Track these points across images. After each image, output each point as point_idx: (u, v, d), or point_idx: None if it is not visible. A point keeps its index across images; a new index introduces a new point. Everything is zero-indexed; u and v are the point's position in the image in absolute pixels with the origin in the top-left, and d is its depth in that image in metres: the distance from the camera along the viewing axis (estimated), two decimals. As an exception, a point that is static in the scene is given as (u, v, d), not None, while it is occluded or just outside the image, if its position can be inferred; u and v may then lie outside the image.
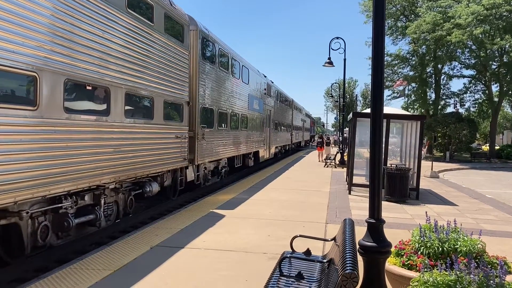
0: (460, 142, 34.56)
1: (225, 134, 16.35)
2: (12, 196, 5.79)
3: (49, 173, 6.48)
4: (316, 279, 4.26)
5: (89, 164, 7.51)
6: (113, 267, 5.95)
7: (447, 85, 42.62)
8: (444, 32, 32.58)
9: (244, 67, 19.66)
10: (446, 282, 3.33)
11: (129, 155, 8.89)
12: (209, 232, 8.06)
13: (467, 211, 11.21)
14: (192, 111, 12.80)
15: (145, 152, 9.62)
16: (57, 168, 6.65)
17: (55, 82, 6.60)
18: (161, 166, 10.62)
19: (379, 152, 4.58)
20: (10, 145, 5.77)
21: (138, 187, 10.09)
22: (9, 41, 5.69)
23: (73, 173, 7.07)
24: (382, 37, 4.67)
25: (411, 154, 14.65)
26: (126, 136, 8.78)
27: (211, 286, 5.34)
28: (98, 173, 7.81)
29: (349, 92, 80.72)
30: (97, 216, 8.15)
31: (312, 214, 10.03)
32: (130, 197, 9.75)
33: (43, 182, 6.36)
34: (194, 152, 12.90)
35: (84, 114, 7.46)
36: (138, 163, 9.33)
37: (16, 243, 6.62)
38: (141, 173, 9.58)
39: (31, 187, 6.13)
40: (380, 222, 4.53)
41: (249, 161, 21.67)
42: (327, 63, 24.34)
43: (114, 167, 8.33)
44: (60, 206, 7.13)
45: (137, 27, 9.16)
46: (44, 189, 6.42)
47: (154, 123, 10.08)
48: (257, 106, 22.63)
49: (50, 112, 6.50)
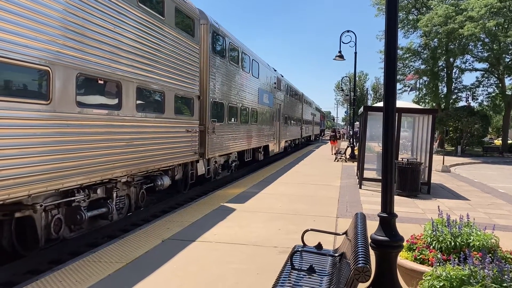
0: (472, 136, 34.25)
1: (235, 128, 16.40)
2: (26, 189, 5.86)
3: (62, 167, 6.53)
4: (327, 273, 4.26)
5: (101, 158, 7.55)
6: (125, 260, 6.00)
7: (459, 79, 42.16)
8: (457, 25, 32.20)
9: (254, 61, 19.61)
10: (459, 277, 3.31)
11: (141, 149, 8.94)
12: (219, 226, 8.10)
13: (479, 205, 11.12)
14: (203, 105, 12.86)
15: (156, 146, 9.66)
16: (70, 161, 6.70)
17: (67, 76, 6.63)
18: (172, 160, 10.66)
19: (392, 146, 4.56)
20: (24, 138, 5.83)
21: (150, 181, 10.15)
22: (23, 36, 5.73)
23: (86, 167, 7.11)
24: (395, 30, 4.63)
25: (422, 148, 14.55)
26: (138, 130, 8.82)
27: (222, 279, 5.37)
28: (110, 167, 7.85)
29: (359, 86, 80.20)
30: (109, 209, 8.23)
31: (323, 208, 10.02)
32: (142, 191, 9.82)
33: (56, 175, 6.41)
34: (205, 146, 12.96)
35: (96, 108, 7.49)
36: (150, 156, 9.36)
37: (31, 236, 6.70)
38: (152, 166, 9.62)
39: (45, 181, 6.19)
40: (392, 216, 4.51)
41: (259, 155, 21.73)
42: (337, 57, 24.21)
43: (126, 161, 8.38)
44: (73, 200, 7.23)
45: (148, 21, 9.16)
46: (57, 183, 6.48)
47: (165, 117, 10.12)
48: (267, 100, 22.64)
49: (62, 106, 6.54)
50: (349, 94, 43.49)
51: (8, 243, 6.65)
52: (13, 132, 5.65)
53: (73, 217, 7.31)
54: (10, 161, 5.56)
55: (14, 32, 5.61)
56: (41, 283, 5.11)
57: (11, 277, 6.24)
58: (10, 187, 5.57)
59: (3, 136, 5.47)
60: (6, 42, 5.48)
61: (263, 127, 21.68)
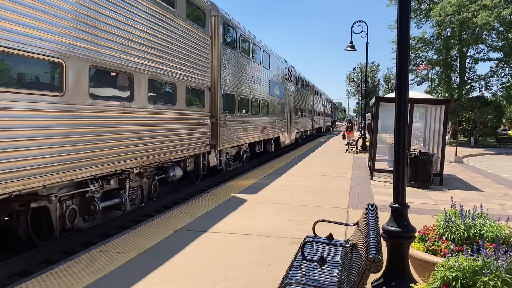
0: (485, 127, 33.83)
1: (246, 120, 16.45)
2: (41, 180, 5.97)
3: (76, 158, 6.65)
4: (339, 264, 4.26)
5: (114, 149, 7.66)
6: (137, 250, 6.06)
7: (473, 69, 41.59)
8: (470, 14, 31.71)
9: (265, 52, 19.60)
10: (472, 267, 3.29)
11: (153, 140, 9.02)
12: (231, 217, 8.13)
13: (492, 196, 11.01)
14: (214, 96, 12.88)
15: (168, 138, 9.73)
16: (83, 153, 6.82)
17: (80, 68, 6.70)
18: (184, 151, 10.74)
19: (404, 136, 4.53)
20: (39, 130, 5.92)
21: (162, 172, 10.25)
22: (36, 28, 5.79)
23: (99, 158, 7.23)
24: (407, 19, 4.57)
25: (435, 139, 14.42)
26: (150, 121, 8.90)
27: (233, 270, 5.39)
28: (123, 158, 7.97)
29: (371, 77, 79.55)
30: (122, 200, 8.37)
31: (334, 199, 10.00)
32: (154, 182, 9.92)
33: (70, 166, 6.53)
34: (216, 137, 13.04)
35: (109, 100, 7.57)
36: (161, 148, 9.45)
37: (46, 226, 6.89)
38: (164, 158, 9.69)
39: (59, 172, 6.31)
40: (404, 207, 4.49)
41: (270, 146, 21.73)
42: (349, 47, 23.99)
43: (138, 152, 8.50)
44: (86, 190, 7.35)
45: (159, 13, 9.18)
46: (71, 173, 6.60)
47: (177, 108, 10.19)
48: (278, 92, 22.62)
49: (76, 98, 6.63)
50: (361, 85, 43.19)
51: (25, 233, 6.79)
52: (28, 123, 5.75)
53: (87, 208, 7.47)
54: (25, 152, 5.67)
55: (28, 25, 5.66)
56: (55, 273, 5.19)
57: (26, 267, 6.35)
58: (26, 177, 5.69)
59: (18, 128, 5.58)
60: (20, 35, 5.53)
61: (274, 118, 21.72)
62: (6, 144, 5.39)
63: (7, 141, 5.40)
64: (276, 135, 22.67)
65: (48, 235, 6.97)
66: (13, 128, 5.50)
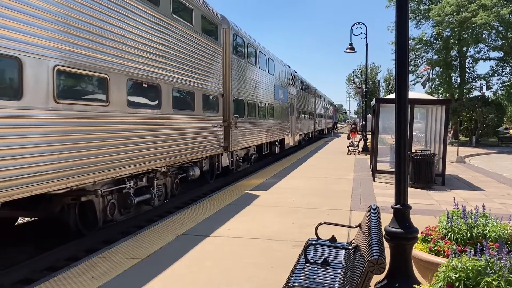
0: (487, 126, 33.78)
1: (254, 123, 17.38)
2: (92, 176, 7.04)
3: (118, 158, 7.71)
4: (342, 266, 4.25)
5: (147, 151, 8.74)
6: (140, 256, 6.06)
7: (473, 68, 41.55)
8: (469, 14, 31.73)
9: (270, 59, 20.55)
10: (475, 268, 3.27)
11: (176, 142, 10.09)
12: (233, 221, 8.13)
13: (495, 196, 10.98)
14: (226, 102, 13.87)
15: (188, 140, 10.82)
16: (124, 154, 7.89)
17: (120, 81, 7.77)
18: (201, 153, 11.83)
19: (405, 137, 4.53)
20: (90, 135, 6.97)
21: (183, 171, 11.22)
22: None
23: (135, 158, 8.30)
24: (406, 20, 4.58)
25: (436, 139, 14.40)
26: (174, 126, 9.97)
27: (237, 274, 5.39)
28: (153, 158, 9.04)
29: (371, 78, 79.52)
30: (152, 195, 9.35)
31: (336, 201, 9.99)
32: (176, 180, 10.88)
33: (113, 165, 7.57)
34: (228, 139, 14.00)
35: (142, 108, 8.66)
36: (183, 149, 10.50)
37: (91, 218, 7.84)
38: (185, 158, 10.78)
39: (106, 170, 7.37)
40: (406, 208, 4.48)
41: (275, 148, 22.55)
42: (348, 49, 23.99)
43: (165, 153, 9.53)
44: (124, 187, 8.33)
45: (179, 29, 10.28)
46: (114, 171, 7.67)
47: (195, 114, 11.29)
48: (282, 96, 23.47)
49: (117, 107, 7.68)
50: (361, 86, 43.19)
51: (74, 223, 7.68)
52: (84, 129, 6.83)
53: (124, 202, 8.49)
54: (82, 153, 6.74)
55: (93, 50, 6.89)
56: (58, 279, 5.19)
57: (30, 274, 6.35)
58: (82, 175, 6.78)
59: (77, 133, 6.66)
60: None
61: (279, 121, 22.63)
62: (66, 146, 6.42)
63: (69, 144, 6.48)
64: (281, 137, 23.47)
65: (92, 226, 7.89)
66: (77, 134, 6.66)
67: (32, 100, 5.75)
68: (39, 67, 5.85)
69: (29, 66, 5.67)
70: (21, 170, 5.56)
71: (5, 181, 5.31)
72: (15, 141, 5.52)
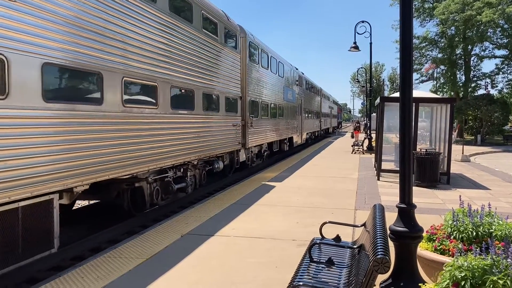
0: (492, 125, 33.60)
1: (266, 122, 18.97)
2: (147, 166, 8.54)
3: (164, 152, 9.17)
4: (346, 265, 4.24)
5: (183, 146, 10.16)
6: (145, 256, 6.07)
7: (478, 67, 41.27)
8: (474, 12, 31.55)
9: (280, 62, 22.12)
10: (481, 266, 3.26)
11: (205, 139, 11.58)
12: (238, 220, 8.13)
13: (500, 195, 10.93)
14: (243, 104, 15.46)
15: (214, 137, 12.27)
16: (167, 148, 9.34)
17: (166, 88, 9.30)
18: (224, 148, 13.33)
19: (409, 136, 4.51)
20: (146, 132, 8.50)
21: (209, 165, 12.67)
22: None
23: (175, 152, 9.70)
24: (410, 18, 4.56)
25: (441, 138, 14.35)
26: (203, 124, 11.46)
27: (241, 273, 5.39)
28: (187, 153, 10.47)
29: (376, 77, 79.30)
30: (187, 184, 10.76)
31: (341, 200, 9.97)
32: (204, 172, 12.31)
33: (160, 158, 9.04)
34: (245, 137, 15.49)
35: (181, 109, 10.14)
36: (210, 145, 11.98)
37: (140, 201, 9.16)
38: (212, 153, 12.28)
39: (155, 161, 8.84)
40: (411, 207, 4.46)
41: (285, 146, 23.86)
42: (352, 48, 23.98)
43: (196, 148, 11.01)
44: (166, 175, 9.75)
45: (208, 42, 11.76)
46: (161, 162, 9.15)
47: (220, 114, 12.83)
48: (290, 97, 24.95)
49: (164, 109, 9.23)
50: (365, 85, 43.10)
51: (127, 205, 9.05)
52: (144, 127, 8.40)
53: (166, 189, 9.84)
54: (135, 148, 8.05)
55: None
56: (63, 279, 5.21)
57: (36, 274, 6.37)
58: (140, 164, 8.28)
59: (138, 131, 8.19)
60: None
61: (288, 121, 24.05)
62: (133, 141, 8.04)
63: (135, 140, 8.08)
64: (290, 136, 24.85)
65: (140, 209, 9.24)
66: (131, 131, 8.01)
67: (109, 106, 7.30)
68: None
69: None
70: (104, 158, 7.16)
71: (93, 167, 6.86)
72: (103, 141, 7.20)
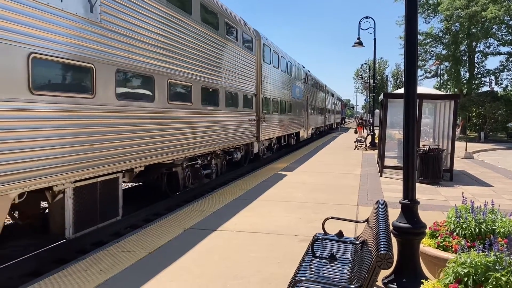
0: (496, 122, 33.52)
1: (277, 118, 20.39)
2: (184, 153, 10.16)
3: (195, 142, 10.73)
4: (349, 261, 4.25)
5: (210, 137, 11.67)
6: (148, 249, 6.09)
7: (482, 63, 41.09)
8: (479, 8, 31.39)
9: (288, 62, 23.44)
10: (484, 263, 3.25)
11: (227, 131, 13.12)
12: (240, 215, 8.15)
13: (504, 192, 10.91)
14: (257, 100, 16.97)
15: (234, 130, 13.83)
16: (198, 139, 10.92)
17: (198, 88, 10.87)
18: (241, 140, 14.95)
19: (413, 132, 4.50)
20: (185, 125, 10.07)
21: (228, 155, 14.16)
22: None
23: (203, 143, 11.25)
24: (415, 15, 4.54)
25: (444, 135, 14.32)
26: (225, 118, 12.96)
27: (244, 268, 5.40)
28: (213, 143, 11.98)
29: (379, 73, 79.04)
30: (212, 170, 12.42)
31: (343, 196, 9.97)
32: (224, 161, 13.88)
33: (193, 147, 10.64)
34: (259, 131, 16.99)
35: (209, 106, 11.67)
36: (231, 137, 13.54)
37: (175, 184, 10.59)
38: (231, 144, 13.82)
39: (189, 150, 10.46)
40: (414, 203, 4.47)
41: (292, 140, 25.30)
42: (356, 44, 23.88)
43: (220, 140, 12.51)
44: (196, 162, 11.37)
45: (230, 46, 13.41)
46: (193, 151, 10.77)
47: (238, 110, 14.43)
48: (298, 94, 26.37)
49: (197, 105, 10.77)
50: (369, 81, 43.00)
51: (164, 187, 10.47)
52: (182, 121, 9.96)
53: (196, 174, 11.38)
54: (176, 138, 9.59)
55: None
56: (67, 272, 5.23)
57: (40, 267, 6.40)
58: (180, 151, 9.89)
59: (178, 123, 9.73)
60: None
61: (295, 116, 25.48)
62: (178, 132, 9.74)
63: (179, 130, 9.82)
64: (297, 131, 26.29)
65: (174, 190, 10.70)
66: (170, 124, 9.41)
67: (159, 103, 8.87)
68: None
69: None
70: (155, 146, 8.66)
71: (147, 152, 8.38)
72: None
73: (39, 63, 5.64)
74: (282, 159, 18.51)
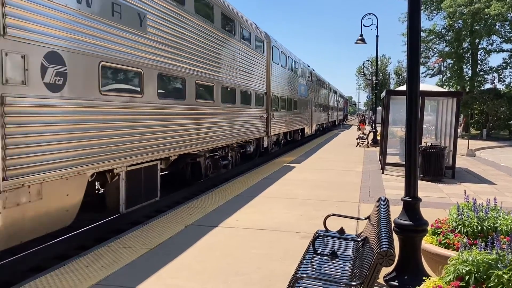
0: (498, 119, 33.41)
1: (284, 114, 21.53)
2: (207, 145, 11.43)
3: (215, 135, 11.96)
4: (350, 258, 4.24)
5: (228, 132, 13.02)
6: (149, 246, 6.09)
7: (485, 61, 40.89)
8: (482, 5, 31.25)
9: (295, 61, 24.68)
10: (486, 261, 3.23)
11: (242, 126, 14.53)
12: (241, 212, 8.14)
13: (506, 189, 10.88)
14: (267, 98, 18.31)
15: (247, 125, 15.24)
16: (218, 133, 12.16)
17: (218, 87, 12.18)
18: (253, 135, 16.34)
19: (415, 129, 4.48)
20: (209, 120, 11.46)
21: (242, 148, 15.49)
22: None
23: (222, 136, 12.49)
24: (418, 11, 4.51)
25: (446, 132, 14.28)
26: (240, 114, 14.33)
27: (245, 264, 5.40)
28: (230, 137, 13.35)
29: (381, 70, 78.85)
30: (228, 162, 13.63)
31: (345, 193, 9.96)
32: (238, 154, 15.14)
33: (213, 140, 11.83)
34: (268, 126, 18.24)
35: (228, 103, 13.06)
36: (245, 132, 15.00)
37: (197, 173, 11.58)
38: (245, 138, 15.27)
39: (212, 142, 11.72)
40: (416, 200, 4.45)
41: (297, 136, 26.57)
42: (359, 40, 23.84)
43: (236, 134, 13.88)
44: (215, 154, 12.51)
45: (244, 49, 14.81)
46: (214, 143, 11.99)
47: (251, 107, 15.91)
48: (303, 91, 27.66)
49: (219, 103, 12.18)
50: (371, 78, 42.91)
51: (188, 175, 11.39)
52: (206, 117, 11.28)
53: (215, 164, 12.46)
54: (202, 131, 10.93)
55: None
56: (68, 268, 5.24)
57: (41, 262, 6.41)
58: (204, 144, 11.21)
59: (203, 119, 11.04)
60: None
61: (301, 113, 26.70)
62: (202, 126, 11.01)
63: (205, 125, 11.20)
64: (302, 127, 27.57)
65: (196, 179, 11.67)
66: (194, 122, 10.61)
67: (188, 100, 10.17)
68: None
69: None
70: (185, 138, 9.97)
71: (179, 144, 9.67)
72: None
73: (105, 69, 6.96)
74: (289, 153, 19.79)
